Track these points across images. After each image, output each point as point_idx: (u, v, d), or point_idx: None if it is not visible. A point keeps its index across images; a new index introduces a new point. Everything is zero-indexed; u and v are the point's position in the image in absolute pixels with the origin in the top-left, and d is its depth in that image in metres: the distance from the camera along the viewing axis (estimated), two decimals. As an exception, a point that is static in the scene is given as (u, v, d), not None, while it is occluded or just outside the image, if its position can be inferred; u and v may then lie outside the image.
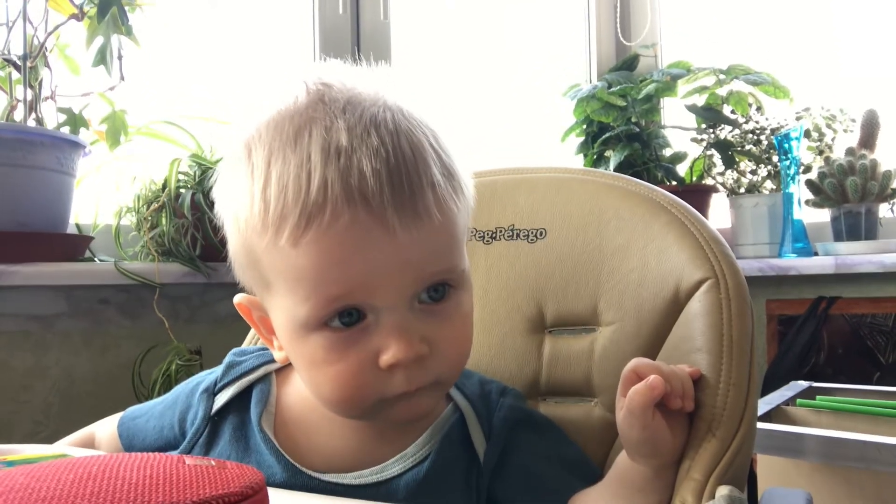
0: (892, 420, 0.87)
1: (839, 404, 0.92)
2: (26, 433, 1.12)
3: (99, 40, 1.13)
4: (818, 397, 0.96)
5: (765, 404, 0.95)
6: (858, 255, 1.46)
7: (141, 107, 1.35)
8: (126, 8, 1.14)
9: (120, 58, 1.21)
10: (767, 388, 1.37)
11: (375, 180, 0.43)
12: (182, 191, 1.23)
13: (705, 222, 0.57)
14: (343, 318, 0.45)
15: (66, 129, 1.21)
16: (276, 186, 0.44)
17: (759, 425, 0.85)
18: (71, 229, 1.22)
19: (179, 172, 1.24)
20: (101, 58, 1.14)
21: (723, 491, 0.41)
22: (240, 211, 0.47)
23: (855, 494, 0.81)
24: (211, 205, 1.18)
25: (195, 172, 1.25)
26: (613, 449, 0.55)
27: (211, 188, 1.27)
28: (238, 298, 0.53)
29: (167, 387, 1.14)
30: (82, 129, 1.24)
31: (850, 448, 0.77)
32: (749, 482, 0.91)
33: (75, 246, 1.20)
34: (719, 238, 0.56)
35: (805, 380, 1.17)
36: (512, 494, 0.50)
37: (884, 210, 1.58)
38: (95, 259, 1.24)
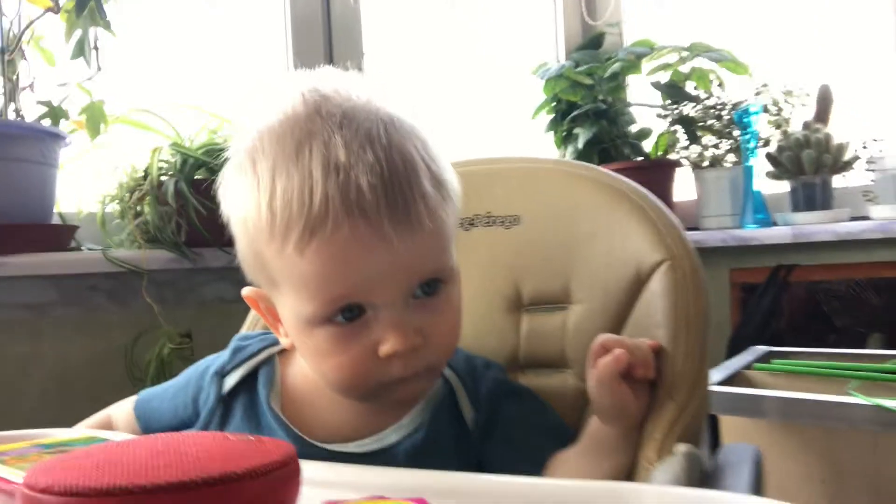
0: (841, 380, 0.95)
1: (793, 367, 1.00)
2: (25, 419, 1.16)
3: (77, 33, 1.14)
4: (774, 361, 1.04)
5: (725, 369, 1.03)
6: (814, 225, 1.54)
7: (118, 95, 1.37)
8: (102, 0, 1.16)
9: (96, 48, 1.22)
10: (732, 354, 1.45)
11: (372, 194, 0.47)
12: (164, 178, 1.26)
13: (663, 209, 0.63)
14: (345, 314, 0.50)
15: (46, 121, 1.23)
16: (282, 200, 0.48)
17: (721, 388, 0.93)
18: (54, 218, 1.25)
19: (160, 160, 1.27)
20: (80, 50, 1.16)
21: (680, 448, 0.48)
22: (248, 218, 0.51)
23: (808, 449, 0.89)
24: (193, 192, 1.22)
25: (176, 161, 1.27)
26: (586, 413, 0.61)
27: (194, 177, 1.30)
28: (246, 291, 0.58)
29: (161, 369, 1.18)
30: (62, 120, 1.26)
31: (801, 407, 0.84)
32: (713, 441, 0.99)
33: (61, 236, 1.23)
34: (676, 223, 0.62)
35: (767, 344, 1.25)
36: (498, 457, 0.56)
37: (838, 181, 1.66)
38: (82, 248, 1.27)
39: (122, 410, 0.67)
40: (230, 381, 0.61)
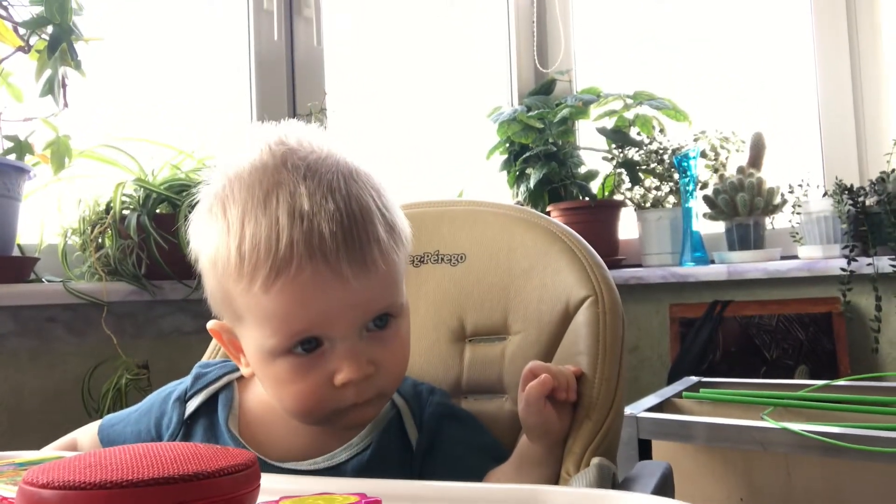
0: (760, 407, 1.03)
1: (717, 395, 1.08)
2: (-23, 449, 1.16)
3: (47, 72, 1.18)
4: (702, 390, 1.12)
5: (657, 397, 1.10)
6: (748, 263, 1.65)
7: (83, 129, 1.40)
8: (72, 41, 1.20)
9: (64, 86, 1.27)
10: (671, 384, 1.53)
11: (332, 240, 0.53)
12: (126, 213, 1.29)
13: (590, 249, 0.70)
14: (304, 346, 0.56)
15: (11, 156, 1.26)
16: (250, 243, 0.53)
17: (651, 415, 1.00)
18: (14, 250, 1.27)
19: (123, 195, 1.31)
20: (49, 88, 1.20)
21: (595, 461, 0.54)
22: (217, 259, 0.56)
23: (728, 470, 0.96)
24: (155, 226, 1.26)
25: (139, 196, 1.31)
26: (521, 435, 0.67)
27: (156, 211, 1.34)
28: (211, 325, 0.63)
29: (118, 399, 1.20)
30: (26, 154, 1.29)
31: (721, 431, 0.92)
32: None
33: (21, 268, 1.25)
34: (600, 262, 0.70)
35: (704, 375, 1.33)
36: (440, 474, 0.62)
37: (769, 222, 1.78)
38: (43, 280, 1.29)
39: (87, 434, 0.70)
40: (191, 405, 0.65)
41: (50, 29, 1.18)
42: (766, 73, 1.98)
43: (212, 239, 0.57)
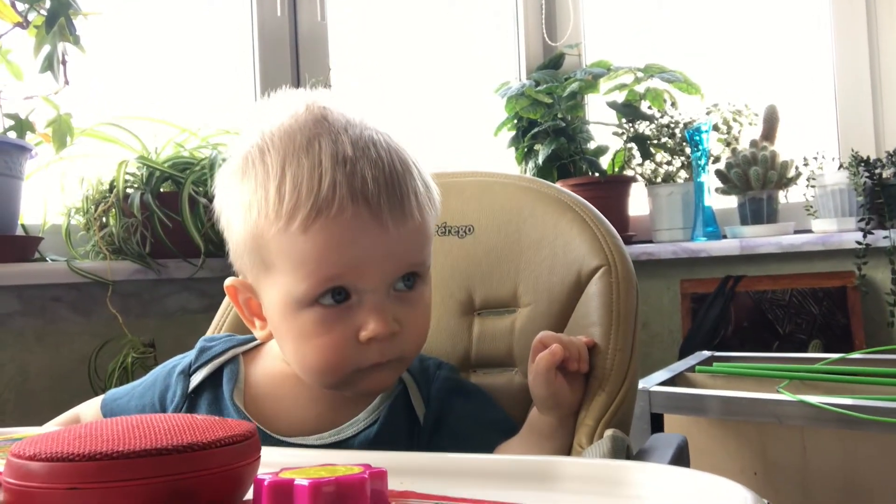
0: (774, 380, 1.01)
1: (731, 369, 1.06)
2: (-15, 428, 1.16)
3: (46, 48, 1.16)
4: (715, 364, 1.10)
5: (669, 371, 1.08)
6: (761, 238, 1.63)
7: (85, 108, 1.38)
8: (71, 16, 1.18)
9: (64, 63, 1.25)
10: (682, 360, 1.51)
11: (374, 185, 0.53)
12: (130, 191, 1.28)
13: (602, 218, 0.68)
14: (334, 296, 0.55)
15: (12, 134, 1.24)
16: (291, 184, 0.53)
17: (664, 388, 0.98)
18: (17, 230, 1.26)
19: (126, 173, 1.29)
20: (49, 64, 1.18)
21: (608, 432, 0.53)
22: (252, 202, 0.56)
23: (743, 444, 0.95)
24: (159, 205, 1.25)
25: (143, 174, 1.30)
26: (531, 409, 0.66)
27: (159, 189, 1.32)
28: (229, 281, 0.62)
29: (124, 378, 1.20)
30: (28, 133, 1.27)
31: (735, 405, 0.90)
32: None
33: (25, 247, 1.24)
34: (613, 232, 0.67)
35: (716, 350, 1.31)
36: (447, 450, 0.60)
37: (783, 196, 1.75)
38: (47, 259, 1.28)
39: (90, 409, 0.69)
40: (196, 378, 0.64)
41: (48, 4, 1.16)
42: (780, 45, 1.93)
43: (247, 186, 0.56)
